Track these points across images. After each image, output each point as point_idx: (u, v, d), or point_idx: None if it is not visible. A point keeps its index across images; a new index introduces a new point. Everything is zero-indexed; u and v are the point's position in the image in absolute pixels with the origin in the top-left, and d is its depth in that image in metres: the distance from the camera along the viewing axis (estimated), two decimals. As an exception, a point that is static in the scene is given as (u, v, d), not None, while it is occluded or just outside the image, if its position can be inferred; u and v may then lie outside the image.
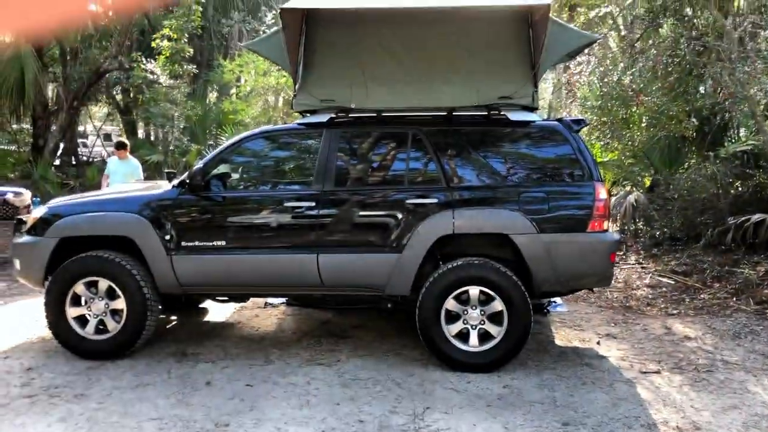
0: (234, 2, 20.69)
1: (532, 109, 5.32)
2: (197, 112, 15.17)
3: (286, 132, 5.48)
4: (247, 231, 5.16)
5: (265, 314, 6.66)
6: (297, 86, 5.35)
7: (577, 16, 8.98)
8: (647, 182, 10.82)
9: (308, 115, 5.42)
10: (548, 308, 6.62)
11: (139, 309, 5.17)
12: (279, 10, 4.96)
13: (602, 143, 9.23)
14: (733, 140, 9.59)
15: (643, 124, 8.38)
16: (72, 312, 5.21)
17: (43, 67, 16.10)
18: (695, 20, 7.70)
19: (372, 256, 5.03)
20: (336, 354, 5.40)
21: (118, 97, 19.61)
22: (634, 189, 10.59)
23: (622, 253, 9.34)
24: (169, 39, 13.65)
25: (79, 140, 24.19)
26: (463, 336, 4.99)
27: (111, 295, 5.22)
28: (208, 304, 6.83)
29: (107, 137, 25.01)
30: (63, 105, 15.23)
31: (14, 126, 18.06)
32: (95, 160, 20.30)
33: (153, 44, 13.95)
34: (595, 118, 8.70)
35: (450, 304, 4.97)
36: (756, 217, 7.95)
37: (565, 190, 5.04)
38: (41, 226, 5.32)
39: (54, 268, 5.25)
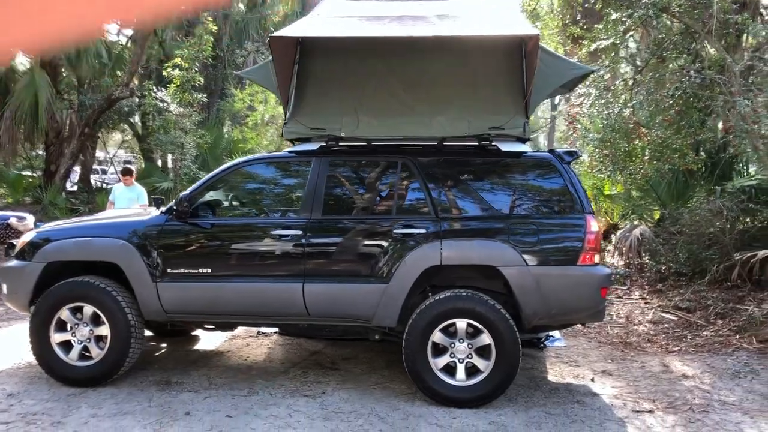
0: (248, 33, 20.96)
1: (525, 140, 5.28)
2: (207, 141, 15.27)
3: (276, 160, 5.45)
4: (233, 259, 5.11)
5: (257, 343, 6.58)
6: (288, 114, 5.34)
7: (579, 47, 8.95)
8: (656, 215, 10.67)
9: (299, 143, 5.40)
10: (545, 343, 6.48)
11: (123, 335, 5.11)
12: (268, 39, 4.98)
13: (605, 176, 9.12)
14: (743, 174, 9.44)
15: (646, 157, 8.27)
16: (57, 338, 5.16)
17: (57, 94, 16.34)
18: (700, 53, 7.63)
19: (358, 287, 4.95)
20: (322, 385, 5.29)
21: (138, 125, 19.86)
22: (641, 222, 10.45)
23: (626, 287, 9.18)
24: (180, 68, 13.79)
25: (99, 167, 24.46)
26: (450, 370, 4.88)
27: (96, 321, 5.18)
28: (199, 331, 6.76)
29: (128, 164, 25.27)
30: (75, 131, 15.40)
31: (28, 151, 18.27)
32: (110, 186, 20.50)
33: (165, 73, 14.10)
34: (596, 150, 8.61)
35: (437, 336, 4.86)
36: (762, 253, 7.76)
37: (556, 222, 4.95)
38: (30, 250, 5.31)
39: (41, 293, 5.22)
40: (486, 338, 4.80)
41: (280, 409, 4.79)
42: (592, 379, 5.54)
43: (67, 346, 5.20)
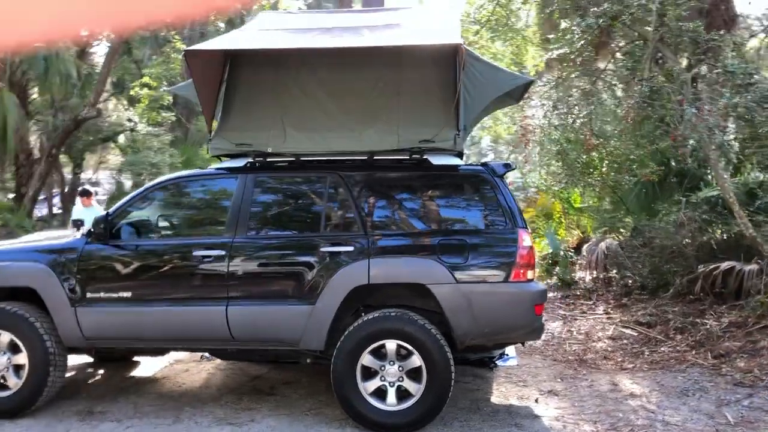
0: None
1: (460, 153, 5.10)
2: (178, 160, 15.11)
3: (202, 177, 5.26)
4: (154, 282, 4.90)
5: (197, 368, 6.33)
6: (214, 130, 5.16)
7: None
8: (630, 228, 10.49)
9: (227, 159, 5.21)
10: (496, 362, 6.27)
11: (41, 364, 4.88)
12: (182, 54, 4.81)
13: (559, 188, 8.95)
14: (712, 184, 9.28)
15: (604, 169, 8.11)
16: (-27, 367, 4.93)
17: (27, 115, 16.18)
18: (658, 61, 7.51)
19: (283, 308, 4.74)
20: (253, 413, 5.05)
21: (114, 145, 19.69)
22: (612, 236, 10.26)
23: (591, 302, 8.98)
24: (149, 87, 13.67)
25: (93, 187, 24.20)
26: (382, 394, 4.66)
27: (15, 349, 4.95)
28: (141, 357, 6.52)
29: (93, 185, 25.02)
30: (44, 153, 15.23)
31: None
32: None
33: (132, 92, 13.97)
34: (553, 162, 8.45)
35: (366, 359, 4.64)
36: (725, 265, 7.57)
37: (487, 237, 4.75)
38: (-54, 275, 5.08)
39: None
40: (417, 360, 4.59)
41: (203, 440, 4.56)
42: (536, 400, 5.33)
43: (-17, 376, 4.96)
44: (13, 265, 5.02)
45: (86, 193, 10.06)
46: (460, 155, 5.12)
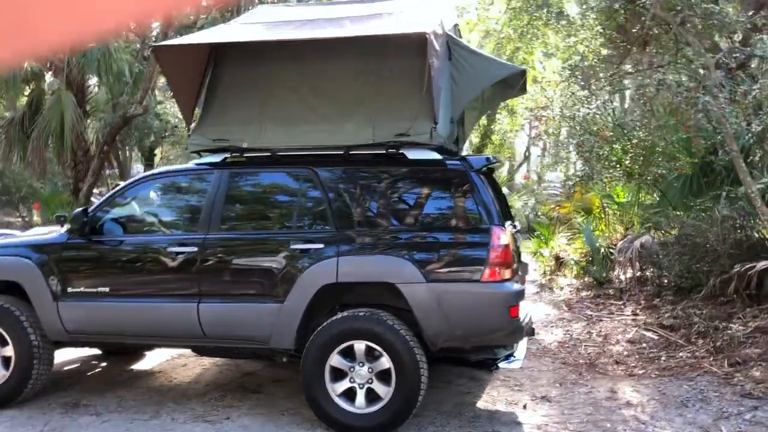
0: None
1: (442, 148, 4.86)
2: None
3: (180, 173, 5.26)
4: (131, 277, 4.93)
5: (195, 363, 6.35)
6: (193, 126, 5.14)
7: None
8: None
9: (207, 155, 5.18)
10: (498, 364, 6.02)
11: (26, 357, 4.98)
12: (151, 49, 4.79)
13: (574, 182, 8.50)
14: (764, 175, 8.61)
15: (627, 162, 7.64)
16: (-35, 358, 5.09)
17: (85, 113, 16.79)
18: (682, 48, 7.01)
19: (253, 306, 4.67)
20: (232, 410, 5.02)
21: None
22: (648, 233, 9.70)
23: (621, 303, 8.54)
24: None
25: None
26: (352, 395, 4.52)
27: (3, 341, 5.08)
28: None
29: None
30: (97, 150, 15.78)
31: (64, 170, 18.85)
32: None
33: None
34: (580, 154, 8.03)
35: (334, 360, 4.51)
36: (761, 264, 7.02)
37: (458, 235, 4.54)
38: (-59, 269, 5.26)
39: None
40: (386, 362, 4.42)
41: (171, 436, 4.55)
42: (525, 406, 5.07)
43: (-23, 367, 5.11)
44: (1, 260, 5.15)
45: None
46: (441, 150, 4.88)
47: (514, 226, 5.75)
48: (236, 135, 4.96)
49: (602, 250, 10.38)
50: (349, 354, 4.52)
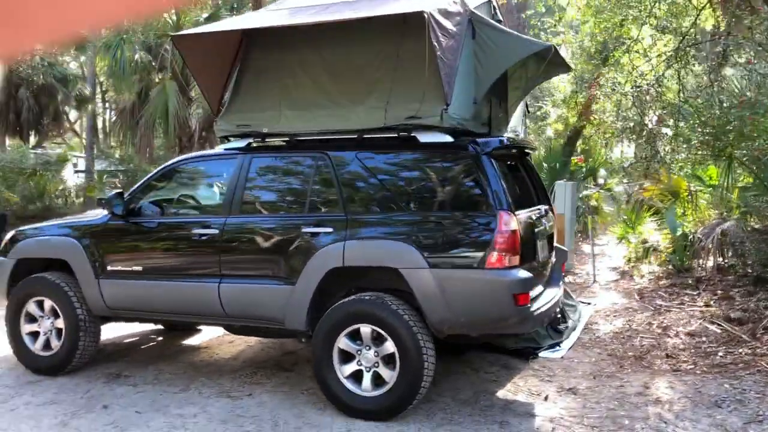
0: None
1: (456, 130, 4.71)
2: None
3: (212, 158, 5.46)
4: (161, 258, 5.20)
5: (241, 340, 6.61)
6: (222, 111, 5.31)
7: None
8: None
9: (233, 140, 5.35)
10: (538, 352, 5.86)
11: (73, 329, 5.39)
12: (171, 38, 4.97)
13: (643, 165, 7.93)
14: None
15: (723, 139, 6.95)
16: (26, 328, 5.57)
17: (189, 101, 17.75)
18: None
19: (267, 287, 4.79)
20: (257, 387, 5.20)
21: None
22: (743, 217, 8.93)
23: (696, 293, 7.97)
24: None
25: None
26: (358, 378, 4.55)
27: (56, 314, 5.52)
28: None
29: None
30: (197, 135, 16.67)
31: (171, 155, 20.08)
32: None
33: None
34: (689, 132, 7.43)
35: (342, 342, 4.55)
36: None
37: (462, 220, 4.41)
38: (8, 247, 5.78)
39: None
40: (390, 346, 4.41)
41: (193, 409, 4.78)
42: (546, 398, 4.88)
43: (36, 336, 5.60)
44: (51, 239, 5.59)
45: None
46: (461, 132, 4.74)
47: (548, 211, 5.53)
48: (257, 120, 5.08)
49: (688, 237, 9.71)
50: (356, 337, 4.55)
